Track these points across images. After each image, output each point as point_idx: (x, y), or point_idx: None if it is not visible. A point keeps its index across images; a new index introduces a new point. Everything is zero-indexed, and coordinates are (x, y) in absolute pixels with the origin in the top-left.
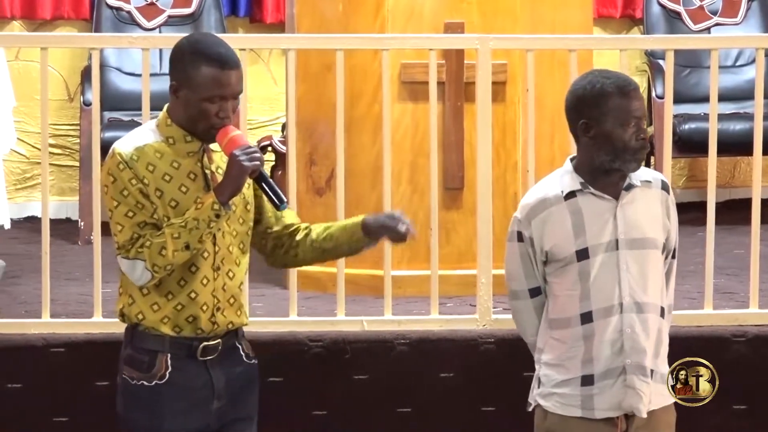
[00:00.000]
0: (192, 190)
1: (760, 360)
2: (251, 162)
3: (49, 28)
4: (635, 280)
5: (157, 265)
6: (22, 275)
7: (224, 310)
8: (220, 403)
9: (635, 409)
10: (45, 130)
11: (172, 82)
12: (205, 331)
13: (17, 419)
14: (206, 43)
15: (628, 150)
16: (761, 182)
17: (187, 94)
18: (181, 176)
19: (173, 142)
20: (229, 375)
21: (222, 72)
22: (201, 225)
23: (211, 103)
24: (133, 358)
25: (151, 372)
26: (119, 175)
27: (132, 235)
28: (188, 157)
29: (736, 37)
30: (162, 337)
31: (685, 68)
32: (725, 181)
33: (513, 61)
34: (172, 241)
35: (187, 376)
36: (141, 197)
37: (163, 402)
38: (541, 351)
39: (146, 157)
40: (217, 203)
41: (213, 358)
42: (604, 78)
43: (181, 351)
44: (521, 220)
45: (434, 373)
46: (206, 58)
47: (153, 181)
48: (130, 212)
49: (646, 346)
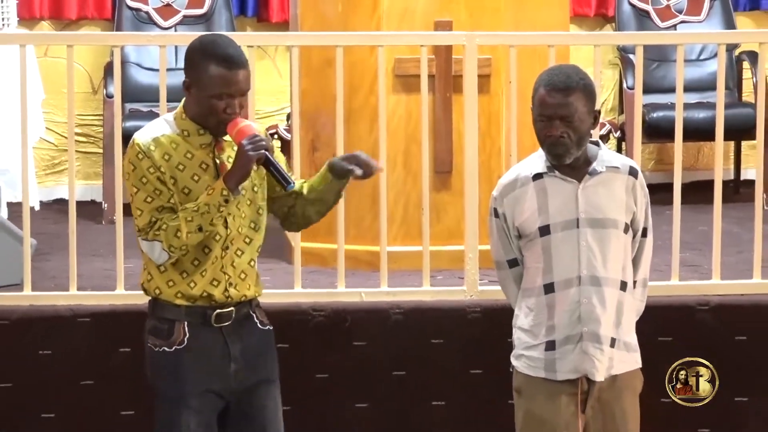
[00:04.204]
0: (203, 179)
1: (721, 326)
2: (256, 151)
3: (74, 28)
4: (594, 256)
5: (173, 246)
6: (51, 252)
7: (236, 284)
8: (237, 366)
9: (590, 373)
10: (71, 120)
11: (185, 79)
12: (218, 302)
13: (48, 382)
14: (216, 44)
15: (543, 143)
16: (722, 165)
17: (198, 91)
18: (194, 166)
19: (187, 135)
20: (244, 341)
21: (229, 72)
22: (212, 209)
23: (219, 100)
24: (155, 327)
25: (171, 339)
26: (138, 164)
27: (150, 218)
28: (201, 149)
29: (700, 34)
30: (178, 307)
31: (654, 62)
32: (690, 164)
33: (497, 56)
34: (185, 224)
35: (204, 341)
36: (158, 184)
37: (183, 366)
38: (517, 317)
39: (162, 147)
40: (226, 189)
41: (228, 326)
42: (548, 74)
43: (196, 319)
44: (496, 197)
45: (426, 340)
46: (215, 59)
47: (168, 170)
48: (148, 198)
49: (601, 317)
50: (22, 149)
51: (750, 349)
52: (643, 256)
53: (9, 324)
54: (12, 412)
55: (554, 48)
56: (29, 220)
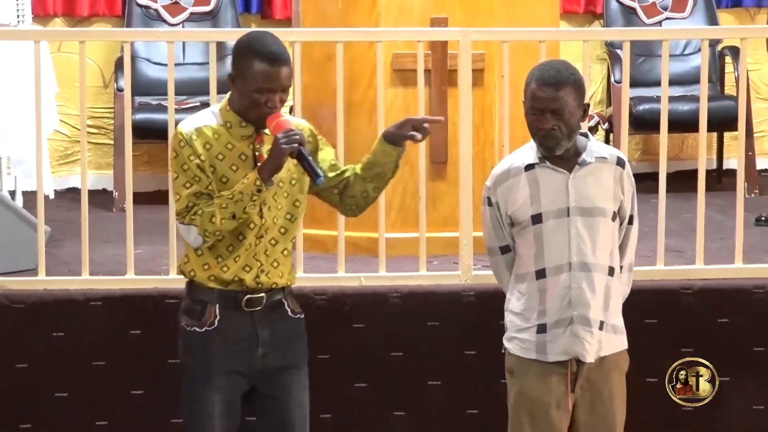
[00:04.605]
0: (241, 169)
1: (704, 309)
2: (289, 144)
3: (86, 24)
4: (584, 243)
5: (208, 230)
6: (64, 239)
7: (268, 272)
8: (265, 350)
9: (580, 354)
10: (83, 112)
11: (230, 72)
12: (249, 288)
13: (61, 363)
14: (262, 41)
15: (535, 135)
16: (706, 155)
17: (242, 84)
18: (233, 157)
19: (230, 126)
20: (274, 327)
21: (271, 68)
22: (245, 198)
23: (261, 94)
24: (189, 307)
25: (202, 319)
26: (180, 151)
27: (187, 203)
28: (242, 141)
29: (684, 30)
30: (211, 289)
31: (640, 56)
32: (674, 154)
33: (490, 51)
34: (220, 211)
35: (234, 324)
36: (198, 171)
37: (211, 346)
38: (509, 301)
39: (204, 137)
40: (259, 179)
41: (258, 311)
42: (539, 69)
43: (227, 302)
44: (490, 187)
45: (422, 322)
46: (259, 55)
47: (208, 159)
48: (187, 183)
49: (591, 301)
50: (37, 140)
51: (732, 331)
52: (629, 243)
53: (24, 307)
54: (28, 391)
55: (545, 44)
56: (43, 208)
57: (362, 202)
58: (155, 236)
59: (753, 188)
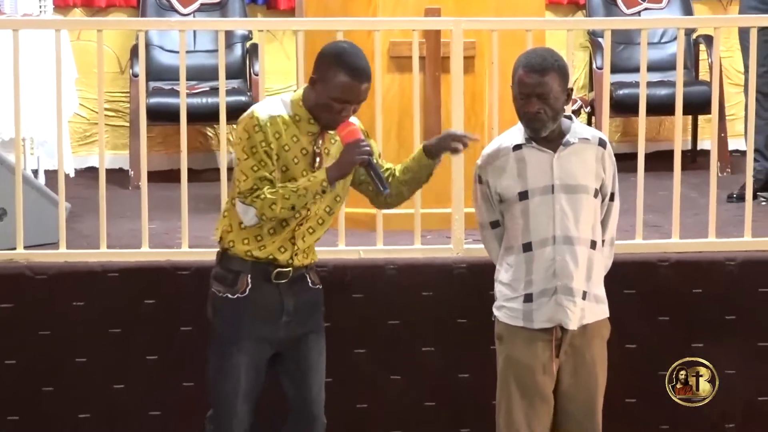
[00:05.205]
0: (301, 162)
1: (680, 280)
2: (360, 156)
3: (103, 14)
4: (567, 218)
5: (265, 215)
6: (83, 215)
7: (299, 256)
8: (289, 318)
9: (564, 322)
10: (101, 96)
11: (313, 75)
12: (281, 264)
13: (80, 330)
14: (350, 54)
15: (522, 118)
16: (681, 137)
17: (322, 89)
18: (296, 150)
19: (299, 120)
20: (297, 297)
21: (353, 83)
22: (308, 195)
23: (338, 103)
24: (222, 275)
25: (235, 287)
26: (253, 134)
27: (252, 185)
28: (307, 136)
29: (662, 19)
30: (246, 261)
31: (620, 45)
32: (652, 136)
33: (481, 39)
34: (282, 200)
35: (263, 294)
36: (265, 157)
37: (240, 312)
38: (498, 272)
39: (276, 126)
40: (326, 181)
41: (284, 283)
42: (526, 57)
43: (259, 273)
44: (480, 166)
45: (417, 292)
46: (345, 68)
47: (276, 147)
48: (255, 167)
49: (574, 272)
50: (58, 123)
51: (705, 301)
52: (610, 218)
53: (46, 278)
54: (49, 357)
55: (531, 32)
56: (64, 186)
57: (395, 201)
58: (168, 212)
59: (725, 167)
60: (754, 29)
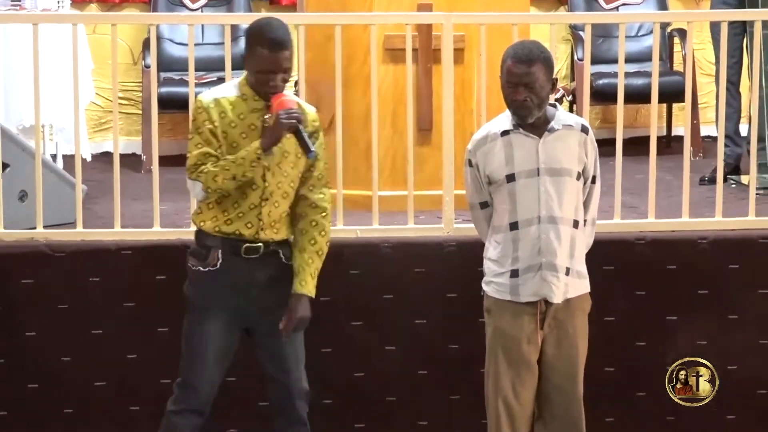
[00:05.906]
0: (249, 137)
1: (655, 257)
2: (288, 120)
3: (117, 9)
4: (551, 199)
5: (210, 187)
6: (99, 196)
7: (266, 230)
8: (258, 290)
9: (548, 296)
10: (115, 86)
11: (243, 54)
12: (249, 239)
13: (96, 304)
14: (265, 28)
15: (510, 106)
16: (657, 123)
17: (250, 65)
18: (244, 126)
19: (245, 98)
20: (267, 271)
21: (271, 53)
22: (245, 163)
23: (264, 75)
24: (196, 251)
25: (206, 261)
26: (197, 116)
27: (196, 161)
28: (253, 112)
29: (639, 14)
30: (216, 237)
31: (600, 38)
32: (629, 122)
33: (470, 33)
34: (222, 171)
35: (233, 267)
36: (209, 135)
37: (211, 284)
38: (487, 249)
39: (220, 106)
40: (260, 149)
41: (255, 258)
42: (513, 49)
43: (229, 248)
44: (470, 150)
45: (410, 269)
46: (261, 41)
47: (221, 126)
48: (199, 144)
49: (557, 250)
50: (75, 110)
51: (679, 277)
52: (592, 200)
53: (64, 256)
54: (67, 330)
55: (517, 26)
56: (81, 170)
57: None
58: (178, 194)
59: (698, 152)
60: (725, 23)
